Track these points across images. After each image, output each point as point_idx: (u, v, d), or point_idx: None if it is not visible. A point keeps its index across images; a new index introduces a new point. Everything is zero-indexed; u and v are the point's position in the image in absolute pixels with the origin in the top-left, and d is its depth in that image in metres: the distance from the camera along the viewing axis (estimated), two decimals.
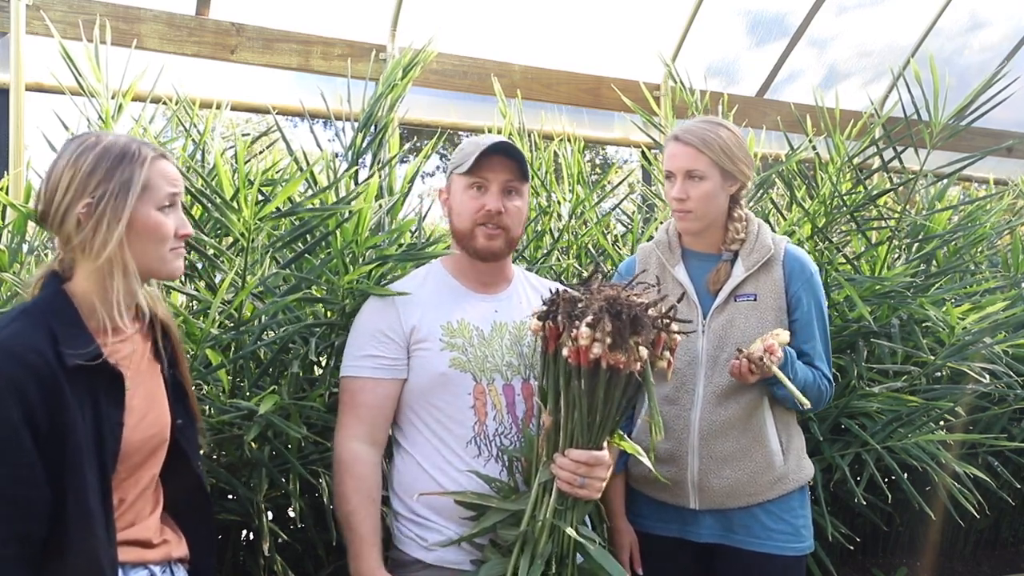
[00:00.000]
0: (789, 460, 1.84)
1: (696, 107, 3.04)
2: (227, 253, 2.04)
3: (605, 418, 1.46)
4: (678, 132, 1.84)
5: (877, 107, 3.13)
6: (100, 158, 1.24)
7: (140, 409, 1.30)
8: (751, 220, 1.88)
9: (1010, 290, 3.04)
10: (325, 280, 1.98)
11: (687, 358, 1.82)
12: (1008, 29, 5.07)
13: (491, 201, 1.64)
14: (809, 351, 1.84)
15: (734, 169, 1.80)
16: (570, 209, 2.77)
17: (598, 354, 1.38)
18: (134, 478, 1.31)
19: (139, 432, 1.29)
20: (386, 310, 1.67)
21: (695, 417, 1.81)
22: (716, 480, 1.80)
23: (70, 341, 1.21)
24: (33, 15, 2.86)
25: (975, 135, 4.48)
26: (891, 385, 2.59)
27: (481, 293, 1.71)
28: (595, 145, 8.68)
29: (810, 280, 1.84)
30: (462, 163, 1.66)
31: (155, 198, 1.28)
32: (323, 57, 3.50)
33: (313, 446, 2.06)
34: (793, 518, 1.84)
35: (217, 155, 1.97)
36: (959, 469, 2.46)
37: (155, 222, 1.28)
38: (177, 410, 1.40)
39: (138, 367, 1.33)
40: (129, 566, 1.29)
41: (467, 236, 1.66)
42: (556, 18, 4.05)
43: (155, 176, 1.29)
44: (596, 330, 1.38)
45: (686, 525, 1.86)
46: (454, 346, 1.63)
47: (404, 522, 1.65)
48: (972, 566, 3.45)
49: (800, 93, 4.70)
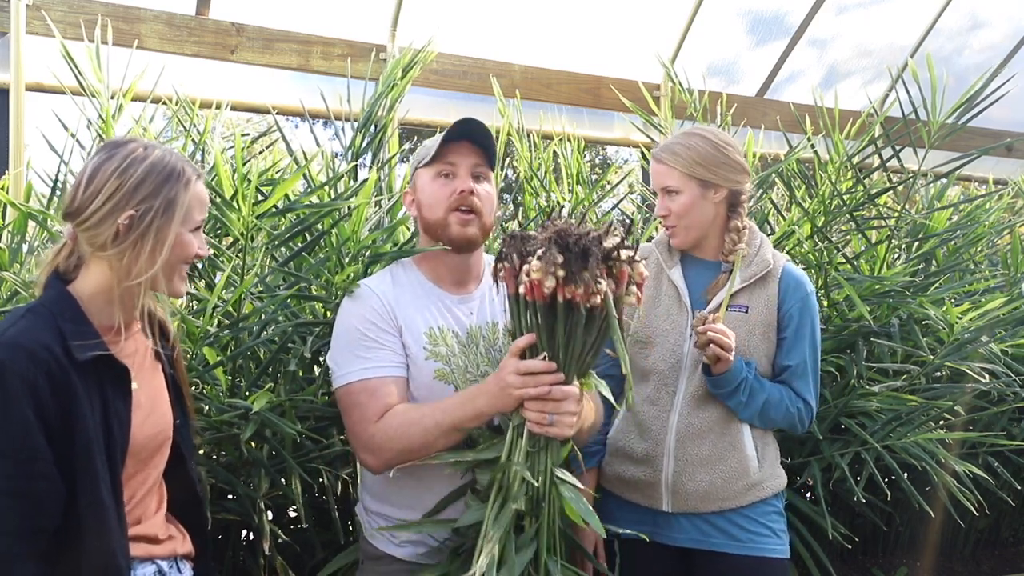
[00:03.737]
0: (764, 467, 1.84)
1: (695, 107, 3.04)
2: (227, 252, 2.04)
3: (570, 356, 1.42)
4: (655, 150, 1.87)
5: (876, 107, 3.13)
6: (148, 172, 1.26)
7: (146, 406, 1.32)
8: (754, 233, 1.88)
9: (1009, 289, 3.05)
10: (324, 279, 1.99)
11: (671, 360, 1.83)
12: (1008, 29, 5.07)
13: (461, 183, 1.61)
14: (790, 366, 1.83)
15: (713, 177, 1.80)
16: (570, 209, 2.78)
17: (551, 287, 1.35)
18: (142, 475, 1.33)
19: (146, 428, 1.31)
20: (373, 303, 1.60)
21: (673, 419, 1.82)
22: (690, 483, 1.80)
23: (78, 337, 1.23)
24: (33, 15, 2.86)
25: (974, 135, 4.49)
26: (891, 384, 2.59)
27: (456, 294, 1.67)
28: (595, 145, 8.69)
29: (805, 300, 1.84)
30: (426, 156, 1.64)
31: (190, 220, 1.31)
32: (323, 57, 3.50)
33: (313, 445, 2.06)
34: (771, 522, 1.84)
35: (217, 155, 1.97)
36: (959, 468, 2.47)
37: (185, 242, 1.31)
38: (176, 410, 1.41)
39: (142, 365, 1.35)
40: (137, 561, 1.30)
41: (441, 226, 1.62)
42: (556, 18, 4.05)
43: (194, 199, 1.31)
44: (546, 263, 1.35)
45: (659, 528, 1.85)
46: (438, 355, 1.59)
47: (374, 517, 1.63)
48: (972, 566, 3.46)
49: (800, 93, 4.70)
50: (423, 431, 1.46)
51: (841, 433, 2.59)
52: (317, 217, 2.02)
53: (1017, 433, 2.93)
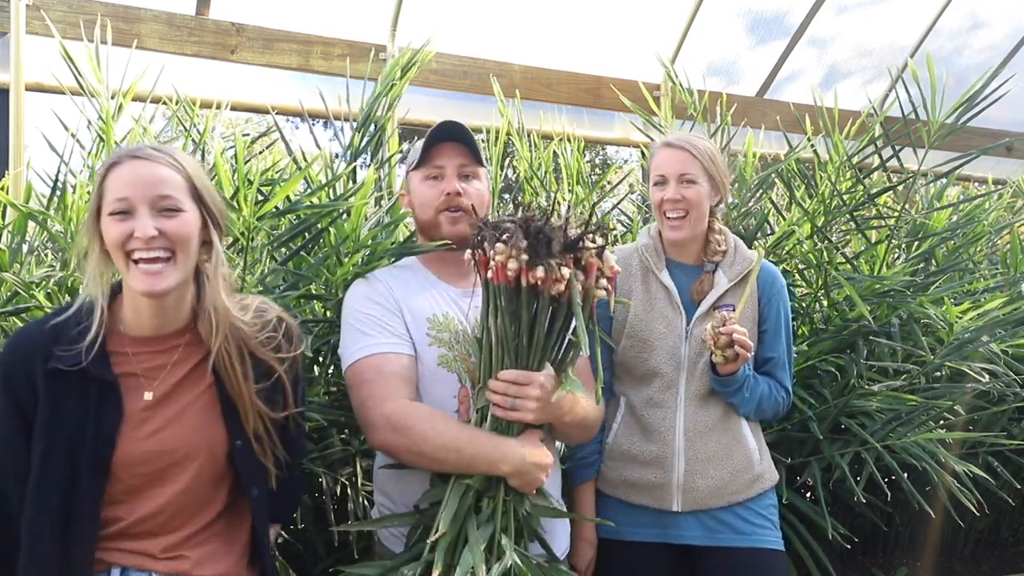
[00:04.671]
0: (763, 459, 1.91)
1: (695, 107, 3.04)
2: (227, 253, 2.04)
3: (534, 342, 1.44)
4: (669, 139, 1.90)
5: (876, 107, 3.13)
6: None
7: (154, 421, 1.30)
8: (727, 234, 1.96)
9: (1009, 289, 3.04)
10: (323, 279, 1.99)
11: (672, 362, 1.86)
12: (1008, 29, 5.07)
13: (447, 184, 1.65)
14: (773, 357, 1.91)
15: (719, 180, 1.89)
16: (568, 207, 2.77)
17: (515, 269, 1.38)
18: (155, 490, 1.30)
19: (147, 444, 1.29)
20: (378, 287, 1.64)
21: (679, 419, 1.85)
22: (701, 480, 1.83)
23: (67, 344, 1.26)
24: (33, 15, 2.86)
25: (974, 135, 4.49)
26: (891, 384, 2.59)
27: (459, 287, 1.69)
28: (595, 145, 8.69)
29: (780, 292, 1.93)
30: (414, 159, 1.69)
31: (108, 206, 1.27)
32: (323, 57, 3.50)
33: (313, 445, 2.06)
34: (770, 515, 1.90)
35: (217, 155, 1.97)
36: (959, 468, 2.47)
37: (104, 229, 1.28)
38: (232, 430, 1.35)
39: (168, 380, 1.32)
40: (134, 569, 1.29)
41: (432, 226, 1.68)
42: (556, 18, 4.05)
43: (111, 183, 1.28)
44: (510, 247, 1.38)
45: (666, 528, 1.86)
46: (441, 341, 1.60)
47: (377, 508, 1.64)
48: (972, 566, 3.45)
49: (800, 93, 4.71)
50: (431, 461, 1.47)
51: (841, 433, 2.59)
52: (317, 217, 2.02)
53: (1017, 433, 2.93)
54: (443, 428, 1.47)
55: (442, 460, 1.46)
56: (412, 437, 1.46)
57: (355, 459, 2.17)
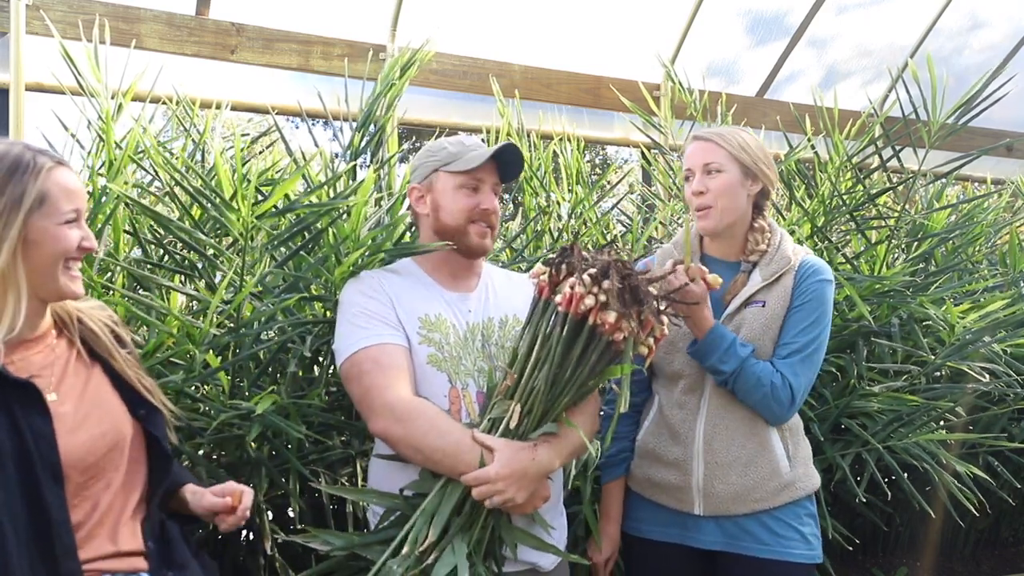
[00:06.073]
0: (796, 467, 1.80)
1: (695, 107, 3.04)
2: (226, 253, 2.04)
3: (571, 380, 1.47)
4: (696, 132, 1.86)
5: (876, 107, 3.13)
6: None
7: (73, 415, 1.27)
8: (774, 231, 1.86)
9: (1009, 288, 3.04)
10: (323, 279, 1.98)
11: (695, 364, 1.80)
12: (1008, 29, 5.06)
13: (487, 200, 1.68)
14: (788, 344, 1.77)
15: (755, 167, 1.79)
16: (569, 209, 2.78)
17: (590, 306, 1.41)
18: (102, 481, 1.29)
19: (80, 436, 1.26)
20: (370, 282, 1.66)
21: (700, 422, 1.80)
22: (721, 485, 1.77)
23: None
24: (33, 15, 2.86)
25: (974, 135, 4.48)
26: (891, 385, 2.59)
27: (455, 291, 1.70)
28: (595, 145, 8.69)
29: (818, 285, 1.79)
30: (452, 161, 1.67)
31: (56, 212, 1.23)
32: (323, 57, 3.50)
33: (313, 445, 2.06)
34: (801, 525, 1.80)
35: (217, 155, 1.97)
36: (959, 468, 2.46)
37: (56, 236, 1.24)
38: (134, 403, 1.37)
39: (63, 374, 1.30)
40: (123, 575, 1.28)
41: (459, 232, 1.67)
42: (556, 18, 4.05)
43: (53, 189, 1.24)
44: (597, 284, 1.41)
45: (687, 531, 1.82)
46: (431, 341, 1.60)
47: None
48: (972, 566, 3.45)
49: (800, 93, 4.70)
50: (428, 461, 1.49)
51: (842, 434, 2.59)
52: (316, 217, 2.02)
53: (1017, 433, 2.93)
54: (446, 429, 1.48)
55: (437, 462, 1.47)
56: (413, 430, 1.47)
57: (354, 460, 2.17)
